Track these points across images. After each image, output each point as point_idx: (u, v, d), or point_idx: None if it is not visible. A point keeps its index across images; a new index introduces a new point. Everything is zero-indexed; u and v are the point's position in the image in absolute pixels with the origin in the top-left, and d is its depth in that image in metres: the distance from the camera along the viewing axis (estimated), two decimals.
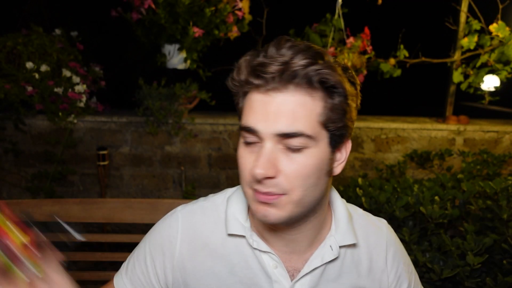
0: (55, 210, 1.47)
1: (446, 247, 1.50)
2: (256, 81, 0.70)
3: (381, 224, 0.94)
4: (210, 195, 0.95)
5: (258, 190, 0.72)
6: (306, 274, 0.83)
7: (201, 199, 0.94)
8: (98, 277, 1.52)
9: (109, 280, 0.97)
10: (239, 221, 0.85)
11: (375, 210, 1.68)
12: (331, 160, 0.76)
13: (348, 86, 0.73)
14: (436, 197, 1.67)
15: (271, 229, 0.83)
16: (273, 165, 0.70)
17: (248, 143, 0.74)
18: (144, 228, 0.96)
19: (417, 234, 1.57)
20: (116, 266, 1.07)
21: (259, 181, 0.71)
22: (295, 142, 0.70)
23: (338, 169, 0.79)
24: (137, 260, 0.91)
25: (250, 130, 0.72)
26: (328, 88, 0.70)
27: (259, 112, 0.71)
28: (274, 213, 0.73)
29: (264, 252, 0.83)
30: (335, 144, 0.75)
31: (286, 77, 0.68)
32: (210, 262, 0.85)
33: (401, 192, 1.79)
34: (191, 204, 0.93)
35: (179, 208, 0.92)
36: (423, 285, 1.00)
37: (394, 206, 1.65)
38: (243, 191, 0.78)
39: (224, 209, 0.88)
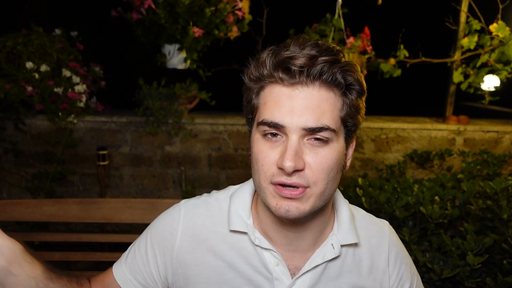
0: (55, 210, 1.47)
1: (446, 247, 1.50)
2: (283, 75, 0.72)
3: (384, 225, 0.95)
4: (214, 192, 0.95)
5: (284, 183, 0.72)
6: (307, 271, 0.84)
7: (205, 195, 0.95)
8: None
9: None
10: (242, 218, 0.86)
11: (375, 210, 1.68)
12: (345, 155, 0.80)
13: (364, 85, 0.77)
14: (436, 197, 1.67)
15: (278, 226, 0.83)
16: (300, 158, 0.72)
17: (268, 138, 0.74)
18: (144, 228, 0.97)
19: (417, 234, 1.57)
20: None
21: (288, 174, 0.72)
22: (320, 136, 0.72)
23: (348, 164, 0.83)
24: (138, 250, 0.92)
25: (276, 125, 0.72)
26: (348, 86, 0.74)
27: (285, 106, 0.72)
28: (298, 207, 0.74)
29: (266, 249, 0.84)
30: (348, 139, 0.79)
31: (314, 73, 0.71)
32: (211, 256, 0.86)
33: (401, 192, 1.79)
34: (195, 198, 0.94)
35: (182, 201, 0.93)
36: (423, 285, 1.00)
37: (394, 206, 1.65)
38: (258, 188, 0.77)
39: (227, 206, 0.89)
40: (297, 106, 0.71)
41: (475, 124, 3.33)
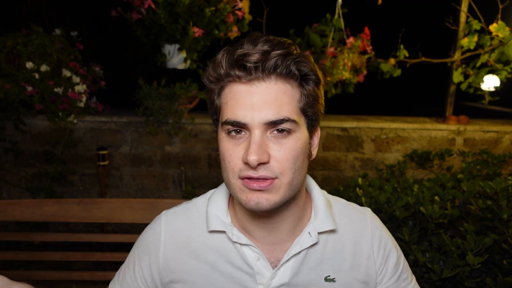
0: (55, 210, 1.47)
1: (446, 247, 1.50)
2: (239, 72, 0.74)
3: (365, 211, 0.97)
4: (194, 198, 0.98)
5: (251, 177, 0.74)
6: (286, 261, 0.85)
7: (185, 202, 0.98)
8: (98, 277, 1.53)
9: (109, 280, 1.01)
10: (219, 217, 0.88)
11: (375, 210, 1.68)
12: (310, 144, 0.82)
13: (319, 74, 0.79)
14: (436, 197, 1.67)
15: (254, 219, 0.85)
16: (264, 151, 0.73)
17: (232, 136, 0.76)
18: (143, 228, 0.97)
19: (417, 234, 1.57)
20: (116, 266, 1.07)
21: (254, 168, 0.73)
22: (282, 127, 0.74)
23: (314, 153, 0.84)
24: (127, 267, 0.96)
25: (238, 124, 0.74)
26: (303, 76, 0.77)
27: (245, 104, 0.74)
28: (267, 199, 0.75)
29: (245, 245, 0.85)
30: (311, 128, 0.81)
31: (269, 67, 0.73)
32: (193, 260, 0.88)
33: (401, 192, 1.79)
34: (174, 208, 0.96)
35: (163, 213, 0.96)
36: (423, 285, 1.01)
37: (394, 206, 1.65)
38: (228, 184, 0.79)
39: (205, 209, 0.91)
40: (256, 101, 0.73)
41: (475, 124, 3.33)
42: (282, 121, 0.73)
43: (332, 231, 0.89)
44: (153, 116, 2.92)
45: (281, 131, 0.75)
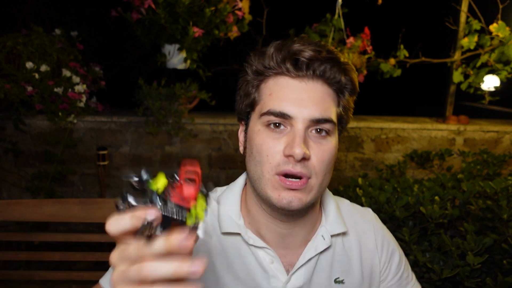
0: (55, 210, 1.47)
1: (446, 247, 1.50)
2: (290, 66, 0.75)
3: (366, 212, 0.99)
4: None
5: (289, 172, 0.73)
6: (302, 266, 0.85)
7: None
8: (98, 277, 1.52)
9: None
10: (233, 219, 0.86)
11: (375, 210, 1.67)
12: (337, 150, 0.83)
13: (357, 84, 0.82)
14: (436, 197, 1.67)
15: (270, 223, 0.84)
16: (307, 147, 0.74)
17: (271, 129, 0.76)
18: None
19: (417, 234, 1.57)
20: None
21: (296, 161, 0.73)
22: (324, 127, 0.76)
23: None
24: None
25: (283, 115, 0.74)
26: (345, 85, 0.79)
27: (293, 98, 0.75)
28: (300, 198, 0.75)
29: (260, 247, 0.84)
30: (339, 136, 0.83)
31: (319, 69, 0.75)
32: (209, 258, 0.86)
33: (401, 192, 1.78)
34: None
35: None
36: (423, 285, 1.01)
37: (394, 206, 1.65)
38: (259, 180, 0.77)
39: (216, 209, 0.89)
40: (305, 97, 0.75)
41: (475, 124, 3.33)
42: (325, 120, 0.75)
43: (343, 233, 0.90)
44: (153, 116, 2.91)
45: (320, 131, 0.76)
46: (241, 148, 0.86)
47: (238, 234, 0.85)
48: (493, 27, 2.94)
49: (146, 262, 0.44)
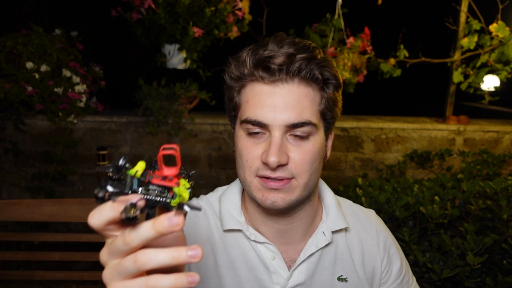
0: (55, 210, 1.47)
1: (446, 247, 1.50)
2: (263, 73, 0.74)
3: (370, 213, 0.98)
4: (202, 196, 0.97)
5: (268, 176, 0.75)
6: (303, 261, 0.85)
7: (194, 199, 0.96)
8: (98, 277, 1.52)
9: None
10: (234, 216, 0.87)
11: (375, 210, 1.68)
12: (325, 146, 0.83)
13: (340, 78, 0.81)
14: (436, 197, 1.67)
15: (267, 220, 0.85)
16: (284, 153, 0.74)
17: (251, 134, 0.77)
18: None
19: (417, 234, 1.57)
20: None
21: (273, 169, 0.74)
22: (302, 130, 0.75)
23: (328, 154, 0.86)
24: None
25: (259, 123, 0.75)
26: (325, 81, 0.77)
27: (267, 104, 0.74)
28: (283, 198, 0.76)
29: (262, 243, 0.85)
30: (327, 131, 0.83)
31: (293, 70, 0.73)
32: (213, 255, 0.86)
33: (401, 192, 1.79)
34: None
35: None
36: (423, 285, 1.01)
37: (394, 206, 1.65)
38: (244, 182, 0.80)
39: (218, 207, 0.90)
40: (279, 103, 0.74)
41: (475, 124, 3.33)
42: (303, 124, 0.74)
43: (345, 229, 0.90)
44: (153, 116, 2.91)
45: (301, 134, 0.75)
46: (233, 149, 0.87)
47: (240, 230, 0.86)
48: (493, 27, 2.94)
49: (141, 251, 0.42)
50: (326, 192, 0.94)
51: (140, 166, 0.45)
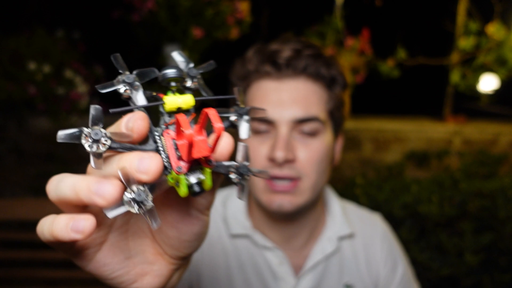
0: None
1: (443, 246, 1.51)
2: (269, 68, 0.73)
3: (376, 217, 0.95)
4: None
5: (275, 175, 0.72)
6: (310, 269, 0.83)
7: None
8: None
9: None
10: (240, 221, 0.85)
11: (373, 209, 1.70)
12: (333, 149, 0.80)
13: (346, 78, 0.79)
14: (434, 197, 1.69)
15: (273, 225, 0.83)
16: (290, 150, 0.71)
17: (257, 133, 0.75)
18: None
19: (415, 233, 1.58)
20: None
21: (279, 165, 0.71)
22: (309, 127, 0.72)
23: (336, 158, 0.83)
24: None
25: (265, 120, 0.73)
26: (332, 79, 0.76)
27: (273, 100, 0.73)
28: (290, 201, 0.73)
29: (269, 249, 0.82)
30: (335, 132, 0.79)
31: (300, 67, 0.72)
32: (224, 257, 0.84)
33: (399, 192, 1.80)
34: None
35: None
36: (421, 284, 1.01)
37: (392, 206, 1.66)
38: (250, 184, 0.77)
39: (221, 211, 0.87)
40: (285, 98, 0.72)
41: (473, 125, 3.35)
42: (310, 119, 0.72)
43: (350, 235, 0.87)
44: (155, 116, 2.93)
45: (308, 130, 0.73)
46: None
47: (247, 235, 0.83)
48: (490, 29, 2.97)
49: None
50: (331, 197, 0.90)
51: (189, 100, 0.31)
